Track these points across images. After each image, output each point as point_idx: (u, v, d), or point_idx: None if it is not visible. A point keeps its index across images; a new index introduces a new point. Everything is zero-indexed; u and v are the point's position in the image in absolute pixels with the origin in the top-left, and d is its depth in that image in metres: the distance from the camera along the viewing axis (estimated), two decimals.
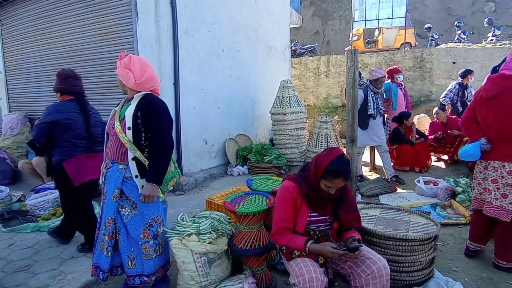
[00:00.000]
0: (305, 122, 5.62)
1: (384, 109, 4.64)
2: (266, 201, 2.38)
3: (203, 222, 2.28)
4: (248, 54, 5.96)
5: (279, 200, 1.94)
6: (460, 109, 5.43)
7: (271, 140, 6.06)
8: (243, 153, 5.34)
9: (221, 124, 5.35)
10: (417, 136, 4.98)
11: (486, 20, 13.09)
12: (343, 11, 17.38)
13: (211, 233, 2.22)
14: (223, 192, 3.34)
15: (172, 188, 2.23)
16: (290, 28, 8.32)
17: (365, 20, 11.29)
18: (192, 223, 2.27)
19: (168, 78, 4.30)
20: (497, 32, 11.42)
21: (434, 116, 5.19)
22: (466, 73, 5.46)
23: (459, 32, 11.87)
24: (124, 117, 2.03)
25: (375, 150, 5.17)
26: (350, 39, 12.40)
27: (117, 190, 2.05)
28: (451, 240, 2.95)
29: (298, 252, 1.88)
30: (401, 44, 11.61)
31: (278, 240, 1.93)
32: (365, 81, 4.78)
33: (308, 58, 10.91)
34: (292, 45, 13.03)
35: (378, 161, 5.33)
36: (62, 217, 3.09)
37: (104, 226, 2.10)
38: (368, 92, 4.41)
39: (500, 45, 9.45)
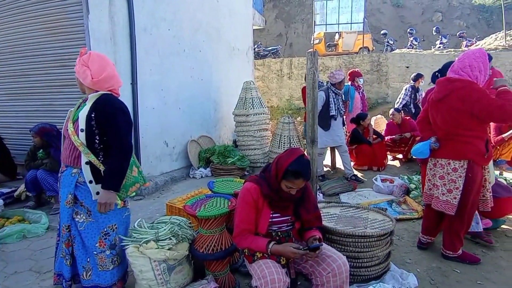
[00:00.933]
0: (268, 123, 5.67)
1: (344, 110, 4.82)
2: (228, 203, 2.37)
3: (162, 227, 2.21)
4: (210, 54, 5.90)
5: (241, 202, 1.93)
6: (413, 110, 5.79)
7: (235, 142, 6.04)
8: (206, 155, 5.27)
9: (182, 125, 5.24)
10: (374, 136, 5.23)
11: (434, 28, 14.17)
12: (305, 15, 17.87)
13: (170, 239, 2.15)
14: (185, 196, 3.25)
15: (134, 194, 2.13)
16: (253, 29, 8.38)
17: (326, 24, 11.69)
18: (150, 229, 2.19)
19: (125, 77, 4.11)
20: (444, 40, 12.41)
21: (390, 117, 5.47)
22: (418, 77, 5.86)
23: (411, 38, 12.72)
24: (78, 118, 1.92)
25: (336, 150, 5.35)
26: (312, 42, 12.77)
27: (70, 196, 1.95)
28: (405, 234, 3.13)
29: (260, 254, 1.88)
30: (360, 49, 12.19)
31: (240, 243, 1.91)
32: (325, 83, 4.92)
33: (271, 60, 11.06)
34: (255, 46, 13.13)
35: (339, 161, 5.53)
36: None
37: (61, 233, 2.01)
38: (330, 93, 4.54)
39: (446, 52, 10.26)
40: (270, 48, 13.69)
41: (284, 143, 5.02)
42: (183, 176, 5.11)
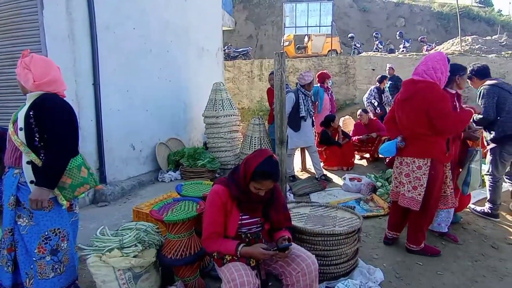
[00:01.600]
0: (238, 125, 5.66)
1: (313, 112, 4.91)
2: (196, 206, 2.34)
3: (127, 234, 2.13)
4: (179, 55, 5.80)
5: (209, 205, 1.91)
6: (378, 110, 6.03)
7: (205, 144, 5.99)
8: (175, 158, 5.18)
9: (150, 128, 5.10)
10: (342, 136, 5.38)
11: (398, 33, 14.86)
12: (275, 17, 18.09)
13: (136, 246, 2.09)
14: (153, 200, 3.18)
15: (82, 195, 2.05)
16: (223, 30, 8.34)
17: (295, 27, 11.91)
18: (114, 236, 2.11)
19: (86, 77, 3.94)
20: (407, 44, 13.06)
21: (358, 117, 5.66)
22: (382, 79, 6.12)
23: (377, 42, 13.26)
24: (17, 118, 1.89)
25: (306, 151, 5.44)
26: (282, 44, 12.94)
27: (13, 197, 1.89)
28: (372, 231, 3.24)
29: (229, 256, 1.87)
30: (328, 51, 12.53)
31: (208, 246, 1.89)
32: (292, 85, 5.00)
33: (241, 61, 11.08)
34: (226, 48, 13.09)
35: (309, 161, 5.63)
36: None
37: (3, 238, 1.92)
38: (299, 95, 4.61)
39: (409, 55, 10.79)
40: (240, 49, 13.70)
41: (254, 144, 5.03)
42: (152, 180, 4.98)
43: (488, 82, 3.33)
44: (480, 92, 3.35)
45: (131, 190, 4.49)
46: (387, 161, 3.52)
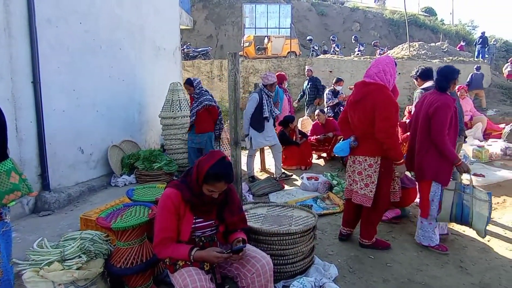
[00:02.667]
0: None
1: (276, 112, 4.94)
2: (148, 211, 2.26)
3: (70, 245, 1.98)
4: (132, 54, 5.58)
5: (161, 209, 1.85)
6: (332, 113, 6.28)
7: (162, 146, 5.84)
8: (130, 161, 4.98)
9: (101, 130, 4.84)
10: (299, 136, 5.50)
11: (353, 37, 15.58)
12: (235, 17, 18.09)
13: (80, 257, 1.95)
14: (103, 207, 3.03)
15: (13, 203, 1.87)
16: (181, 29, 8.17)
17: (255, 28, 12.00)
18: (54, 248, 1.95)
19: (24, 75, 3.62)
20: (361, 48, 13.72)
21: (316, 117, 5.82)
22: (337, 81, 6.36)
23: (334, 45, 13.76)
24: None
25: (265, 152, 5.48)
26: (242, 44, 12.97)
27: None
28: (328, 228, 3.34)
29: (182, 262, 1.83)
30: (288, 53, 12.78)
31: (160, 252, 1.83)
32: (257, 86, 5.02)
33: (201, 61, 10.93)
34: (185, 47, 12.85)
35: (268, 161, 5.68)
36: None
37: None
38: (263, 95, 4.64)
39: (363, 59, 11.34)
40: (200, 49, 13.51)
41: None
42: (104, 185, 4.73)
43: (425, 84, 3.59)
44: (414, 96, 3.61)
45: (80, 197, 4.22)
46: (343, 160, 3.68)
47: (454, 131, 2.77)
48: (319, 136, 5.54)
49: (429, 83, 3.57)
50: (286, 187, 4.60)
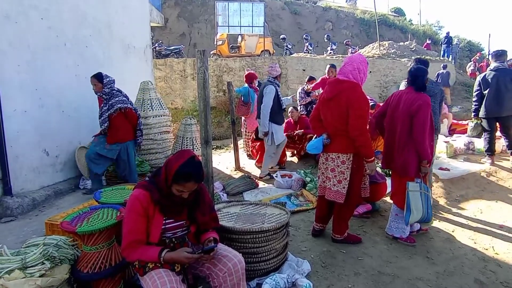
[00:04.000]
0: (169, 126, 5.51)
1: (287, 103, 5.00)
2: (116, 214, 2.22)
3: (32, 252, 1.89)
4: (100, 51, 5.41)
5: (129, 211, 1.81)
6: (304, 111, 6.37)
7: None
8: None
9: (68, 131, 4.66)
10: None
11: (325, 36, 15.88)
12: (209, 15, 17.93)
13: (43, 263, 1.87)
14: (71, 210, 2.95)
15: None
16: (152, 27, 8.00)
17: (228, 26, 11.93)
18: (15, 256, 1.86)
19: None
20: (334, 47, 14.01)
21: (289, 115, 5.89)
22: (310, 80, 6.46)
23: (307, 44, 13.97)
24: None
25: (239, 150, 5.49)
26: (215, 43, 12.88)
27: None
28: (301, 225, 3.40)
29: (152, 264, 1.80)
30: (261, 51, 12.82)
31: (129, 256, 1.79)
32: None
33: (173, 60, 10.75)
34: (156, 45, 12.60)
35: (242, 160, 5.69)
36: None
37: None
38: (277, 88, 4.68)
39: (336, 57, 11.58)
40: (172, 47, 13.28)
41: (186, 145, 4.92)
42: (72, 188, 4.56)
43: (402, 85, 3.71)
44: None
45: (46, 201, 4.04)
46: (317, 157, 3.73)
47: (431, 129, 2.87)
48: (288, 133, 5.62)
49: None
50: (261, 185, 4.63)
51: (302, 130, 5.43)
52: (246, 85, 5.99)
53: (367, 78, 2.95)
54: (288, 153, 5.76)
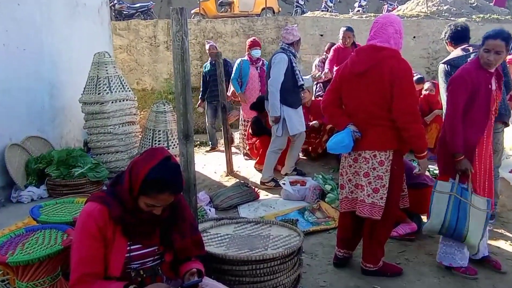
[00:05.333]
0: (135, 114, 5.56)
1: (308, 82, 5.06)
2: (62, 237, 2.24)
3: None
4: (37, 12, 5.46)
5: (79, 234, 1.82)
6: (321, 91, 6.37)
7: (85, 143, 5.82)
8: (38, 166, 4.94)
9: None
10: None
11: None
12: None
13: None
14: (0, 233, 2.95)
15: None
16: None
17: None
18: None
19: None
20: (363, 3, 13.97)
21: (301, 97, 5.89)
22: (330, 47, 6.42)
23: None
24: None
25: (231, 148, 5.50)
26: None
27: None
28: (319, 250, 3.42)
29: None
30: (262, 9, 12.78)
31: None
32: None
33: (140, 22, 10.73)
34: (116, 2, 12.57)
35: (237, 161, 5.70)
36: None
37: None
38: (291, 57, 4.65)
39: (366, 17, 11.55)
40: (138, 5, 13.28)
41: (159, 141, 4.96)
42: (0, 201, 4.66)
43: (453, 54, 3.69)
44: (440, 69, 3.68)
45: None
46: (339, 157, 3.70)
47: (479, 112, 2.87)
48: (313, 122, 5.59)
49: (458, 51, 3.64)
50: (262, 195, 4.65)
51: (317, 121, 5.43)
52: (246, 57, 6.05)
53: (410, 46, 2.97)
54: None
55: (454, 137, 2.80)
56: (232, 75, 6.04)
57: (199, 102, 7.08)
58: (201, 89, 7.03)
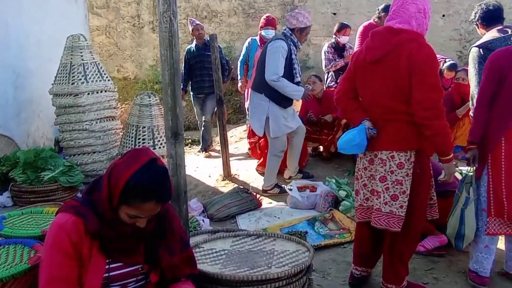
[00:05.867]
0: (115, 108, 5.59)
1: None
2: (29, 254, 2.27)
3: None
4: None
5: (49, 250, 1.82)
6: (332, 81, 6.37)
7: (57, 142, 5.83)
8: (1, 170, 4.96)
9: None
10: None
11: None
12: None
13: None
14: None
15: None
16: None
17: None
18: None
19: None
20: None
21: (309, 87, 5.87)
22: (341, 29, 6.41)
23: None
24: None
25: (228, 147, 5.49)
26: None
27: None
28: (333, 268, 3.42)
29: None
30: None
31: None
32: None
33: (121, 0, 10.73)
34: None
35: (235, 164, 5.69)
36: None
37: None
38: (291, 47, 4.63)
39: None
40: None
41: (143, 140, 4.96)
42: None
43: (488, 36, 3.66)
44: (472, 55, 3.66)
45: None
46: (355, 157, 3.72)
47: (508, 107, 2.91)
48: (310, 115, 5.59)
49: (493, 33, 3.62)
50: (265, 203, 4.65)
51: (330, 115, 5.42)
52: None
53: (439, 26, 2.96)
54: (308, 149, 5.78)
55: (475, 125, 2.98)
56: (241, 57, 6.04)
57: (181, 93, 7.00)
58: (182, 77, 6.91)
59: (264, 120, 4.72)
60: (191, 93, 6.91)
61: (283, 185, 4.86)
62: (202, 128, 6.89)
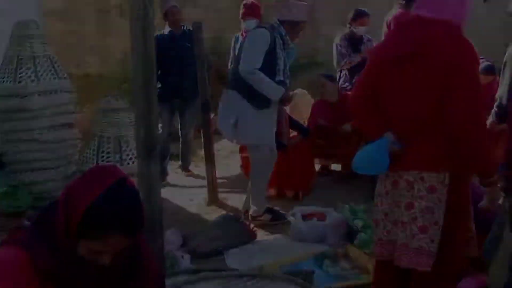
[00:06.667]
0: (73, 113, 5.58)
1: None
2: None
3: None
4: None
5: None
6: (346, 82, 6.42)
7: None
8: None
9: None
10: (291, 131, 5.57)
11: None
12: None
13: None
14: None
15: None
16: None
17: None
18: None
19: None
20: None
21: (320, 90, 5.93)
22: (357, 17, 6.47)
23: None
24: None
25: (215, 160, 5.50)
26: None
27: None
28: None
29: None
30: None
31: None
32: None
33: None
34: None
35: (224, 186, 5.71)
36: None
37: None
38: (276, 39, 4.70)
39: None
40: None
41: (108, 154, 4.94)
42: None
43: None
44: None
45: None
46: (375, 179, 3.73)
47: None
48: (345, 126, 5.63)
49: None
50: (262, 235, 4.68)
51: (349, 125, 5.45)
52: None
53: (479, 14, 2.99)
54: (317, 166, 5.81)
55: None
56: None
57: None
58: None
59: (232, 121, 4.80)
60: (159, 96, 6.79)
61: (282, 211, 4.87)
62: (180, 144, 6.88)
